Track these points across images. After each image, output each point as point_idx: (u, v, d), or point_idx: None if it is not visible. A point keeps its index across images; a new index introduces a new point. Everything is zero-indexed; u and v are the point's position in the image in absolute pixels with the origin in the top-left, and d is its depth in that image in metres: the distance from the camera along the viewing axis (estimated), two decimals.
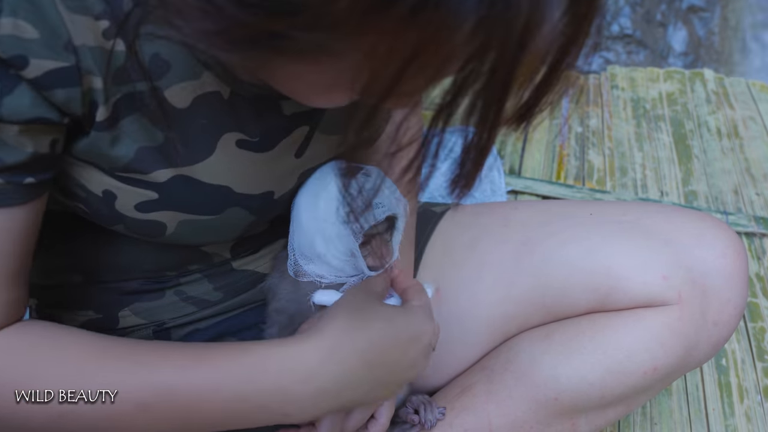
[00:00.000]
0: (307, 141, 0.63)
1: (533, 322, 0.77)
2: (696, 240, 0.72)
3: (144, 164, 0.54)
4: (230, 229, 0.63)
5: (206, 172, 0.57)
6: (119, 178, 0.55)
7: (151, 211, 0.57)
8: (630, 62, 2.14)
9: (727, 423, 1.07)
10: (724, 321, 0.72)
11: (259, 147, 0.59)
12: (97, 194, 0.55)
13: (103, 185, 0.55)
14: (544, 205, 0.83)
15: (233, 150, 0.58)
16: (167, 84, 0.53)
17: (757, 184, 1.58)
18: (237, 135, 0.58)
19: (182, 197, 0.57)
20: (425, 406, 0.76)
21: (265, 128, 0.59)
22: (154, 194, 0.56)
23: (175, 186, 0.56)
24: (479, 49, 0.34)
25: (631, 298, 0.71)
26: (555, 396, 0.73)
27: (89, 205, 0.57)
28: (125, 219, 0.57)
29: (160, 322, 0.72)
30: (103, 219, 0.58)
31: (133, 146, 0.53)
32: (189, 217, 0.58)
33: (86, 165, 0.54)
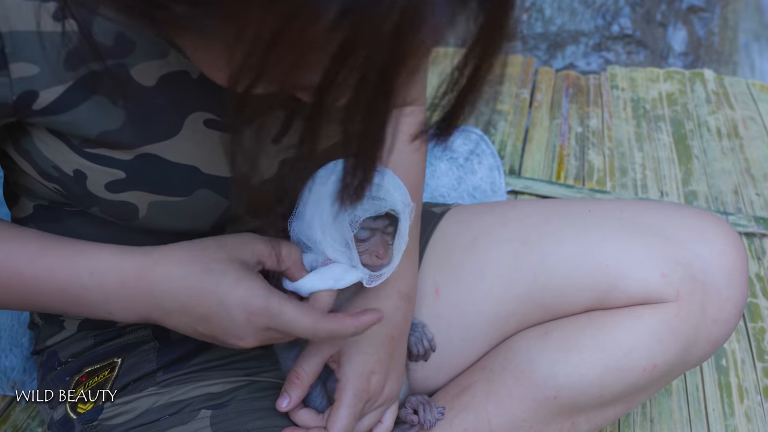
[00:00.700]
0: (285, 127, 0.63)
1: (532, 320, 0.77)
2: (695, 237, 0.72)
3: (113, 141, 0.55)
4: (205, 214, 0.62)
5: (172, 151, 0.57)
6: (88, 156, 0.55)
7: (120, 191, 0.57)
8: (630, 62, 2.14)
9: (727, 423, 1.07)
10: (724, 319, 0.72)
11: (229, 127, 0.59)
12: (69, 174, 0.56)
13: (74, 164, 0.56)
14: (543, 204, 0.83)
15: (201, 129, 0.57)
16: (132, 63, 0.53)
17: (757, 184, 1.58)
18: (205, 115, 0.57)
19: (149, 176, 0.57)
20: (424, 406, 0.76)
21: None
22: (122, 173, 0.56)
23: (140, 164, 0.56)
24: (348, 43, 0.34)
25: (629, 295, 0.71)
26: (554, 394, 0.73)
27: (65, 185, 0.58)
28: (99, 200, 0.58)
29: None
30: (79, 201, 0.59)
31: (93, 130, 0.54)
32: (158, 198, 0.58)
33: (57, 141, 0.55)
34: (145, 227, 0.62)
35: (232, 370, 0.74)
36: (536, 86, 1.90)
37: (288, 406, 0.67)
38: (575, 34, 2.16)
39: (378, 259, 0.65)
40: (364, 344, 0.69)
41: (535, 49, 2.19)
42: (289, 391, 0.67)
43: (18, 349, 1.03)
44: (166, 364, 0.72)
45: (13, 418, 1.00)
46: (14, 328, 1.04)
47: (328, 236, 0.64)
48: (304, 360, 0.68)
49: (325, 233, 0.64)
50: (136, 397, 0.71)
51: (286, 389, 0.68)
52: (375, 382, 0.69)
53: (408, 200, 0.66)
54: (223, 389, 0.72)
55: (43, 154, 0.56)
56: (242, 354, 0.75)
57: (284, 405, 0.67)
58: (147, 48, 0.53)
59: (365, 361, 0.69)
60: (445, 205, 0.90)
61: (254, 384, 0.74)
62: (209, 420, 0.68)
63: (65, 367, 0.74)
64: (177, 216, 0.60)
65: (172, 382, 0.72)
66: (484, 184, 1.43)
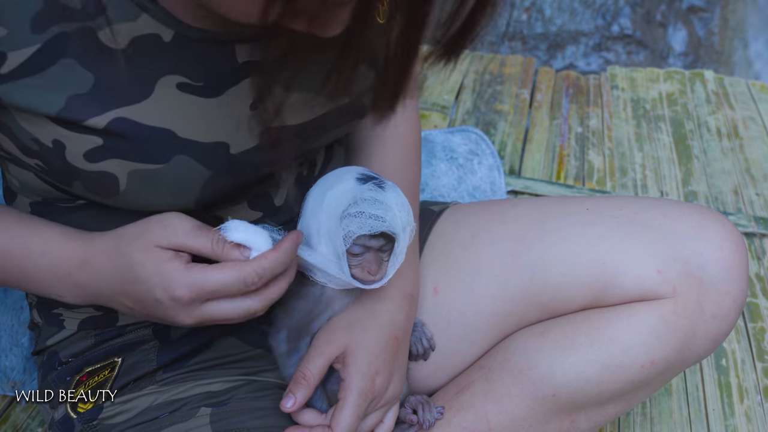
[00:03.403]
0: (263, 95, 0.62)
1: (530, 319, 0.77)
2: (693, 233, 0.72)
3: (77, 113, 0.55)
4: (187, 186, 0.61)
5: (145, 114, 0.57)
6: (63, 124, 0.55)
7: (99, 160, 0.57)
8: (630, 62, 2.14)
9: (727, 423, 1.07)
10: (723, 314, 0.71)
11: (205, 92, 0.59)
12: (48, 145, 0.56)
13: (52, 134, 0.56)
14: (541, 202, 0.83)
15: (174, 93, 0.57)
16: (101, 25, 0.53)
17: (757, 184, 1.58)
18: (178, 78, 0.57)
19: (125, 141, 0.57)
20: (423, 405, 0.76)
21: (211, 73, 0.59)
22: (99, 140, 0.56)
23: (115, 129, 0.56)
24: None
25: (625, 293, 0.71)
26: (552, 393, 0.73)
27: (45, 159, 0.58)
28: (79, 173, 0.58)
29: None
30: (60, 176, 0.59)
31: (62, 95, 0.54)
32: (137, 167, 0.58)
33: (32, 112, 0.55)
34: (128, 205, 0.61)
35: (231, 369, 0.74)
36: (536, 86, 1.90)
37: (293, 406, 0.67)
38: (575, 34, 2.16)
39: (369, 275, 0.65)
40: (370, 344, 0.69)
41: (535, 49, 2.19)
42: (294, 392, 0.67)
43: (18, 349, 1.03)
44: (167, 364, 0.72)
45: (13, 418, 1.00)
46: (14, 328, 1.04)
47: (321, 244, 0.64)
48: (310, 361, 0.68)
49: (320, 241, 0.64)
50: (135, 395, 0.71)
51: (291, 390, 0.68)
52: (379, 383, 0.69)
53: (410, 219, 0.66)
54: (223, 388, 0.72)
55: (22, 127, 0.56)
56: (242, 354, 0.75)
57: (289, 405, 0.67)
58: (117, 10, 0.54)
59: (370, 361, 0.69)
60: (443, 204, 0.90)
61: (254, 383, 0.74)
62: (209, 418, 0.68)
63: (66, 366, 0.74)
64: (157, 188, 0.60)
65: (172, 381, 0.72)
66: (484, 184, 1.43)
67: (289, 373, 0.72)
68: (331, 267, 0.64)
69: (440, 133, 1.54)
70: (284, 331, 0.72)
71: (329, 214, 0.63)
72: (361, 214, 0.62)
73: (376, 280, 0.66)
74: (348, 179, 0.64)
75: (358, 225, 0.62)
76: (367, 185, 0.63)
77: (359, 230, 0.62)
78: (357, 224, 0.62)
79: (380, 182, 0.64)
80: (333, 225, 0.63)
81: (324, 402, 0.73)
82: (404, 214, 0.65)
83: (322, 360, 0.68)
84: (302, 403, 0.68)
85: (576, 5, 2.14)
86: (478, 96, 1.83)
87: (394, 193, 0.64)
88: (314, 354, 0.69)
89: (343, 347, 0.69)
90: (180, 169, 0.59)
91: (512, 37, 2.20)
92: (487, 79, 1.91)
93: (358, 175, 0.65)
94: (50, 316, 0.74)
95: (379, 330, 0.70)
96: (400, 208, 0.64)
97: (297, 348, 0.72)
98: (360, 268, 0.65)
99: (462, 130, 1.56)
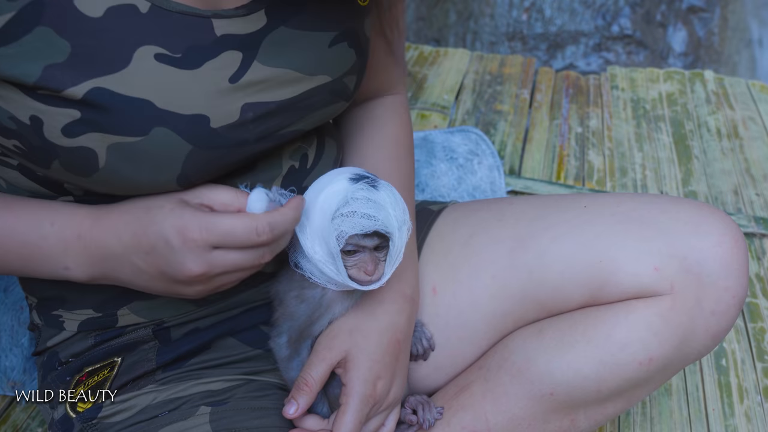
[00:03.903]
0: (243, 68, 0.62)
1: (529, 318, 0.77)
2: (691, 229, 0.72)
3: (54, 83, 0.54)
4: (167, 161, 0.60)
5: (122, 84, 0.56)
6: (40, 98, 0.55)
7: (77, 134, 0.57)
8: (630, 63, 2.14)
9: (727, 423, 1.07)
10: (723, 310, 0.71)
11: (183, 64, 0.59)
12: (26, 122, 0.56)
13: (29, 110, 0.56)
14: (540, 200, 0.83)
15: (152, 63, 0.57)
16: None
17: (757, 184, 1.58)
18: (155, 48, 0.57)
19: (103, 112, 0.56)
20: (423, 406, 0.76)
21: (189, 46, 0.59)
22: (76, 112, 0.56)
23: (93, 99, 0.56)
24: None
25: (622, 290, 0.71)
26: (550, 391, 0.73)
27: (24, 138, 0.57)
28: (57, 150, 0.57)
29: (159, 321, 0.72)
30: (39, 156, 0.59)
31: (38, 65, 0.54)
32: (116, 139, 0.57)
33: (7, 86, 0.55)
34: (109, 187, 0.61)
35: (231, 369, 0.74)
36: (536, 86, 1.90)
37: (295, 413, 0.67)
38: (575, 34, 2.16)
39: (366, 275, 0.65)
40: (371, 349, 0.69)
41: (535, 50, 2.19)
42: (297, 398, 0.67)
43: (18, 349, 1.03)
44: (166, 363, 0.72)
45: (13, 418, 1.00)
46: (14, 329, 1.04)
47: (316, 245, 0.64)
48: (311, 367, 0.68)
49: (314, 243, 0.64)
50: (135, 394, 0.71)
51: (293, 396, 0.67)
52: (381, 387, 0.69)
53: (406, 218, 0.65)
54: (223, 387, 0.72)
55: (2, 106, 0.56)
56: (241, 354, 0.75)
57: (291, 412, 0.67)
58: None
59: (371, 366, 0.69)
60: (442, 203, 0.90)
61: (253, 383, 0.74)
62: (208, 416, 0.68)
63: (66, 366, 0.74)
64: (137, 163, 0.59)
65: (171, 380, 0.72)
66: (484, 184, 1.43)
67: (291, 377, 0.72)
68: (328, 268, 0.64)
69: (440, 133, 1.54)
70: (285, 335, 0.72)
71: (322, 215, 0.63)
72: (353, 213, 0.62)
73: (374, 280, 0.65)
74: (341, 179, 0.64)
75: (350, 224, 0.62)
76: (359, 184, 0.63)
77: (351, 230, 0.62)
78: (349, 224, 0.62)
79: (373, 181, 0.64)
80: (326, 225, 0.62)
81: (326, 406, 0.73)
82: (399, 212, 0.64)
83: (324, 366, 0.68)
84: (304, 410, 0.67)
85: (576, 5, 2.14)
86: (478, 96, 1.83)
87: (387, 192, 0.64)
88: (316, 360, 0.68)
89: (344, 353, 0.69)
90: (160, 141, 0.58)
91: (512, 37, 2.20)
92: (487, 79, 1.91)
93: (351, 175, 0.65)
94: (50, 318, 0.74)
95: (380, 334, 0.70)
96: (394, 206, 0.64)
97: (298, 352, 0.72)
98: (356, 269, 0.65)
99: (462, 130, 1.56)
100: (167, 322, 0.72)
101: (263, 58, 0.63)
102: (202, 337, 0.73)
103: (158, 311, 0.71)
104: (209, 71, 0.60)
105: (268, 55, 0.63)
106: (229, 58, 0.61)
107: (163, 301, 0.71)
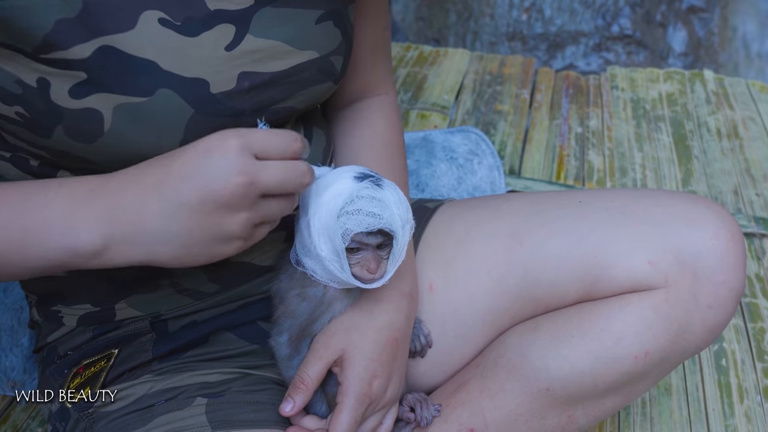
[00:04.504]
0: (237, 39, 0.63)
1: (525, 315, 0.78)
2: (686, 222, 0.72)
3: (63, 37, 0.55)
4: (170, 122, 0.60)
5: (129, 44, 0.57)
6: (46, 62, 0.56)
7: (84, 95, 0.57)
8: (630, 63, 2.14)
9: (727, 423, 1.07)
10: (719, 303, 0.71)
11: (183, 31, 0.60)
12: (32, 85, 0.56)
13: (36, 72, 0.56)
14: (535, 196, 0.83)
15: (156, 27, 0.59)
16: None
17: (757, 184, 1.58)
18: (159, 13, 0.59)
19: (110, 72, 0.57)
20: (421, 403, 0.77)
21: (187, 16, 0.60)
22: (83, 74, 0.56)
23: (100, 60, 0.56)
24: None
25: (617, 285, 0.71)
26: (547, 386, 0.73)
27: (28, 103, 0.57)
28: (62, 114, 0.57)
29: (156, 314, 0.72)
30: (42, 122, 0.58)
31: (50, 18, 0.54)
32: (122, 100, 0.58)
33: (11, 52, 0.55)
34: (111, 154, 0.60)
35: (227, 362, 0.74)
36: (536, 87, 1.90)
37: (292, 411, 0.67)
38: (575, 34, 2.16)
39: (369, 273, 0.65)
40: (367, 348, 0.69)
41: (535, 50, 2.19)
42: (293, 396, 0.67)
43: (18, 349, 1.03)
44: (162, 355, 0.73)
45: (13, 418, 1.00)
46: (14, 328, 1.04)
47: (321, 243, 0.64)
48: (308, 365, 0.68)
49: (319, 241, 0.64)
50: (131, 384, 0.71)
51: (290, 394, 0.68)
52: (377, 386, 0.69)
53: (409, 217, 0.66)
54: (219, 379, 0.72)
55: (5, 70, 0.56)
56: (238, 349, 0.75)
57: (288, 409, 0.67)
58: None
59: (367, 365, 0.69)
60: (438, 201, 0.90)
61: (249, 377, 0.74)
62: (204, 408, 0.68)
63: (64, 360, 0.74)
64: (142, 126, 0.59)
65: (168, 371, 0.72)
66: (484, 184, 1.44)
67: (291, 376, 0.72)
68: (332, 266, 0.64)
69: (440, 134, 1.54)
70: (286, 333, 0.72)
71: (328, 213, 0.63)
72: (359, 211, 0.62)
73: (376, 278, 0.66)
74: (346, 178, 0.65)
75: (355, 222, 0.62)
76: (364, 183, 0.64)
77: (356, 227, 0.62)
78: (354, 222, 0.62)
79: (377, 180, 0.65)
80: (331, 223, 0.63)
81: (324, 405, 0.73)
82: (402, 211, 0.65)
83: (320, 365, 0.68)
84: (301, 408, 0.68)
85: (576, 5, 2.15)
86: (478, 96, 1.83)
87: (392, 191, 0.65)
88: (312, 359, 0.69)
89: (341, 351, 0.69)
90: (164, 102, 0.59)
91: (512, 37, 2.20)
92: (487, 79, 1.91)
93: (356, 173, 0.65)
94: (49, 314, 0.74)
95: (377, 332, 0.70)
96: (398, 205, 0.65)
97: (298, 350, 0.72)
98: (359, 267, 0.65)
99: (462, 130, 1.56)
100: (164, 315, 0.73)
101: (255, 31, 0.64)
102: (200, 330, 0.74)
103: (156, 305, 0.72)
104: (206, 40, 0.61)
105: (259, 28, 0.64)
106: (224, 29, 0.62)
107: (160, 294, 0.71)
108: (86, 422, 0.70)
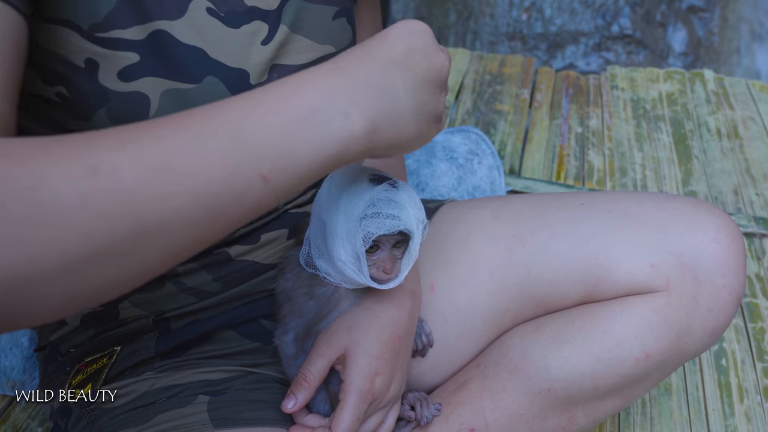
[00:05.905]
0: (271, 34, 0.66)
1: (526, 315, 0.78)
2: (688, 225, 0.72)
3: (124, 17, 0.56)
4: None
5: (181, 31, 0.59)
6: (98, 42, 0.56)
7: (134, 78, 0.58)
8: (630, 62, 2.14)
9: (727, 423, 1.07)
10: (720, 307, 0.71)
11: (227, 22, 0.62)
12: (80, 66, 0.56)
13: (85, 53, 0.56)
14: (537, 198, 0.83)
15: (204, 16, 0.61)
16: None
17: (757, 184, 1.58)
18: (207, 3, 0.61)
19: (162, 56, 0.58)
20: (421, 402, 0.77)
21: (229, 9, 0.63)
22: (136, 56, 0.57)
23: (153, 44, 0.58)
24: None
25: (618, 287, 0.72)
26: (548, 387, 0.73)
27: (72, 84, 0.56)
28: (108, 96, 0.57)
29: (159, 313, 0.72)
30: (84, 104, 0.57)
31: None
32: (171, 85, 0.59)
33: (64, 29, 0.55)
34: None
35: (229, 360, 0.74)
36: (536, 86, 1.90)
37: (294, 407, 0.67)
38: (575, 34, 2.16)
39: (385, 273, 0.66)
40: (369, 346, 0.69)
41: (535, 49, 2.19)
42: (295, 393, 0.68)
43: (18, 349, 1.03)
44: (165, 352, 0.73)
45: (13, 418, 1.00)
46: None
47: (339, 247, 0.64)
48: (311, 363, 0.68)
49: (337, 244, 0.65)
50: (133, 380, 0.71)
51: (292, 391, 0.68)
52: (379, 384, 0.70)
53: (423, 217, 0.66)
54: (221, 377, 0.72)
55: (55, 51, 0.55)
56: (240, 347, 0.76)
57: (290, 406, 0.67)
58: None
59: (370, 362, 0.69)
60: (439, 201, 0.90)
61: (252, 375, 0.74)
62: (206, 405, 0.68)
63: (66, 357, 0.74)
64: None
65: (170, 368, 0.72)
66: (484, 184, 1.44)
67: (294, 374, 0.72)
68: (349, 269, 0.65)
69: (440, 133, 1.54)
70: (292, 332, 0.72)
71: (347, 216, 0.64)
72: (378, 214, 0.63)
73: (392, 278, 0.66)
74: (362, 180, 0.65)
75: (376, 225, 0.63)
76: (382, 186, 0.64)
77: (378, 230, 0.63)
78: (375, 225, 0.63)
79: (393, 182, 0.66)
80: (351, 227, 0.63)
81: (327, 403, 0.73)
82: (417, 211, 0.66)
83: (323, 362, 0.68)
84: (303, 405, 0.68)
85: (576, 5, 2.14)
86: (478, 96, 1.83)
87: (406, 192, 0.65)
88: (315, 356, 0.69)
89: (343, 348, 0.69)
90: (210, 90, 0.61)
91: (512, 37, 2.20)
92: (487, 79, 1.91)
93: (371, 176, 0.66)
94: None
95: (380, 330, 0.71)
96: (413, 206, 0.65)
97: (304, 349, 0.72)
98: (375, 268, 0.66)
99: (462, 130, 1.56)
100: (167, 314, 0.73)
101: (285, 24, 0.67)
102: (202, 328, 0.74)
103: (159, 304, 0.72)
104: (246, 33, 0.64)
105: (287, 22, 0.67)
106: (259, 25, 0.65)
107: (163, 293, 0.71)
108: (88, 418, 0.70)
